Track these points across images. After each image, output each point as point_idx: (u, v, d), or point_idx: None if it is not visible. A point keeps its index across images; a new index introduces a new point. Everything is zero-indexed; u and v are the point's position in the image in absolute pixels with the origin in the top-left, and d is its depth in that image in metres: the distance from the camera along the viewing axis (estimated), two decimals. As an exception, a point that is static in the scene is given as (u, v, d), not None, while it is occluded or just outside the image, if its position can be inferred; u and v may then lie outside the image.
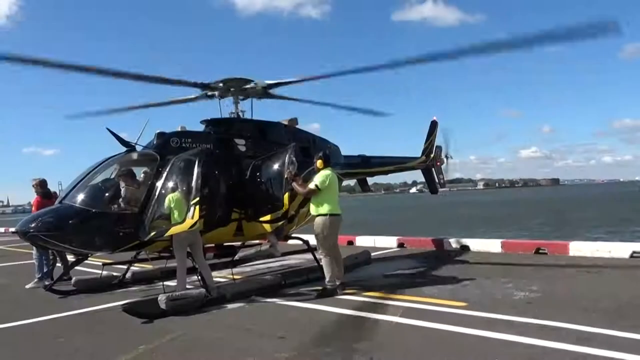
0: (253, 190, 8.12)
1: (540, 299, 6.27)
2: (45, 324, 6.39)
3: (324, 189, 7.16)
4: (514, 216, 36.16)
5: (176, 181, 7.09)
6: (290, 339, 5.12)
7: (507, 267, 8.75)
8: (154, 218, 7.00)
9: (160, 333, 5.55)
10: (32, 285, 9.07)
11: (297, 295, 7.20)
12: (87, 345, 5.34)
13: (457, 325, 5.21)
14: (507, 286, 7.13)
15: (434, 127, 14.62)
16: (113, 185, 7.37)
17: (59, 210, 7.04)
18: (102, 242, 7.07)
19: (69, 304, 7.44)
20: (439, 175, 14.25)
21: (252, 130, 9.05)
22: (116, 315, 6.50)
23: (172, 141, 7.86)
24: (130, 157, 7.66)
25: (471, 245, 11.44)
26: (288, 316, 6.14)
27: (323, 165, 7.41)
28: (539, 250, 10.29)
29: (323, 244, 7.18)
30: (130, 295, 7.77)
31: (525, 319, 5.31)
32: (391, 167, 13.15)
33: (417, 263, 9.92)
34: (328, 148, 10.45)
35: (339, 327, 5.51)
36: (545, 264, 8.97)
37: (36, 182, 9.53)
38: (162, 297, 6.44)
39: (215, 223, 7.80)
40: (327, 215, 7.12)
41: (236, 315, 6.33)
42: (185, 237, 6.84)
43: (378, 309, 6.15)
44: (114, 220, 7.04)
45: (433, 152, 14.28)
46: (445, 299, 6.44)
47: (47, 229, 6.68)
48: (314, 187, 7.17)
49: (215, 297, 6.95)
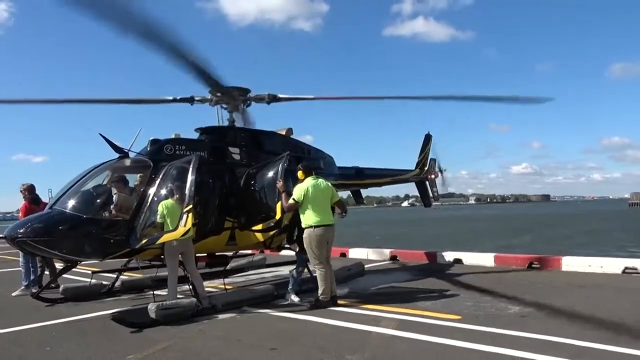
0: (246, 199, 8.07)
1: (534, 314, 6.24)
2: (32, 331, 6.24)
3: (304, 201, 7.02)
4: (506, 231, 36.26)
5: (169, 188, 7.02)
6: (281, 350, 5.03)
7: (500, 281, 8.72)
8: (145, 225, 6.92)
9: (150, 343, 5.44)
10: (19, 292, 8.90)
11: (290, 307, 7.11)
12: (74, 354, 5.21)
13: (451, 338, 5.16)
14: (500, 300, 7.09)
15: (428, 140, 14.70)
16: (105, 191, 7.28)
17: (48, 215, 6.93)
18: (92, 249, 6.96)
19: (57, 312, 7.30)
20: (432, 188, 14.29)
21: (247, 139, 9.02)
22: (105, 323, 6.39)
23: (166, 148, 7.82)
24: (122, 163, 7.59)
25: (464, 258, 11.42)
26: (280, 327, 6.05)
27: (303, 176, 7.30)
28: (531, 264, 10.29)
29: (312, 256, 7.10)
30: (120, 304, 7.65)
31: (519, 332, 5.27)
32: (385, 179, 13.17)
33: (411, 276, 9.87)
34: (322, 158, 10.47)
35: (331, 339, 5.42)
36: (539, 279, 8.95)
37: (25, 187, 9.38)
38: (152, 306, 6.34)
39: (207, 231, 7.72)
40: (312, 227, 7.01)
41: (227, 326, 6.22)
42: (177, 245, 6.75)
43: (371, 321, 6.07)
44: (105, 227, 6.94)
45: (427, 164, 14.34)
46: (439, 312, 6.40)
47: (36, 235, 6.56)
48: (292, 201, 7.09)
49: (207, 307, 6.85)
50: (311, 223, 7.00)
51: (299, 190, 7.09)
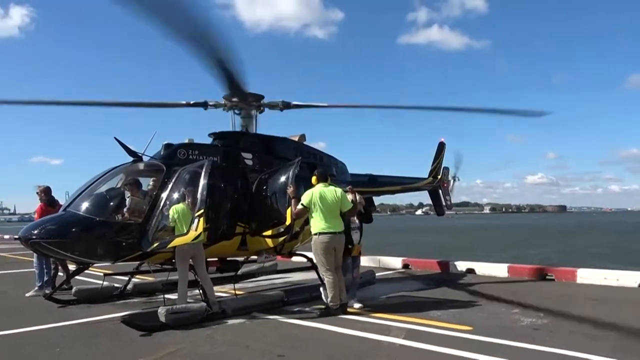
0: (257, 204, 8.09)
1: (547, 326, 6.12)
2: (44, 332, 6.29)
3: (312, 206, 7.00)
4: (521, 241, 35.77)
5: (181, 192, 7.06)
6: (289, 357, 5.01)
7: (513, 292, 8.57)
8: (157, 229, 6.96)
9: (159, 346, 5.46)
10: (32, 293, 9.00)
11: (299, 313, 7.08)
12: (84, 356, 5.25)
13: (461, 349, 5.07)
14: (513, 311, 6.98)
15: (441, 148, 14.63)
16: (118, 194, 7.36)
17: (62, 217, 7.01)
18: (104, 252, 7.02)
19: (69, 314, 7.36)
20: (445, 196, 14.19)
21: (259, 145, 9.06)
22: (115, 326, 6.42)
23: (179, 152, 7.87)
24: (136, 167, 7.65)
25: (477, 268, 11.28)
26: (289, 334, 6.02)
27: (316, 181, 7.29)
28: (546, 276, 10.13)
29: (319, 263, 7.07)
30: (130, 307, 7.69)
31: (531, 345, 5.17)
32: (398, 187, 13.12)
33: (422, 285, 9.78)
34: (335, 165, 10.46)
35: (340, 347, 5.37)
36: (553, 291, 8.80)
37: (41, 189, 9.52)
38: (162, 309, 6.36)
39: (219, 236, 7.74)
40: (318, 234, 6.98)
41: (236, 331, 6.21)
42: (188, 249, 6.77)
43: (381, 330, 6.01)
44: (117, 230, 7.01)
45: (440, 173, 14.25)
46: (450, 323, 6.31)
47: (49, 237, 6.65)
48: (300, 206, 7.07)
49: (216, 311, 6.85)
50: (317, 230, 6.98)
51: (306, 196, 7.07)
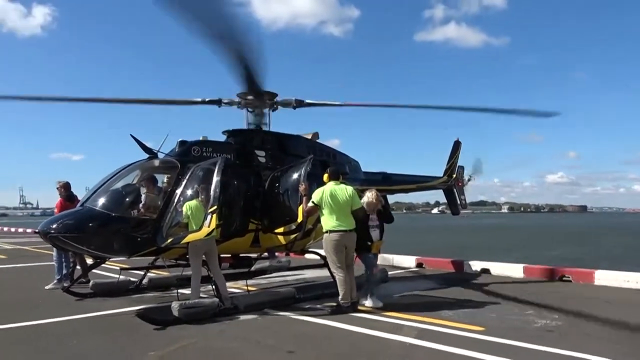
0: (270, 201, 8.13)
1: (562, 328, 6.03)
2: (60, 325, 6.45)
3: (323, 204, 7.01)
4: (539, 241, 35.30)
5: (194, 189, 7.14)
6: (298, 354, 5.04)
7: (528, 293, 8.46)
8: (171, 225, 7.05)
9: (171, 340, 5.54)
10: (51, 286, 9.20)
11: (311, 310, 7.11)
12: (98, 348, 5.36)
13: (472, 350, 5.04)
14: (527, 313, 6.90)
15: (457, 147, 14.49)
16: (133, 190, 7.47)
17: (79, 213, 7.16)
18: (119, 247, 7.14)
19: (86, 306, 7.51)
20: (460, 196, 14.06)
21: (273, 142, 9.10)
22: (130, 319, 6.53)
23: (194, 150, 7.95)
24: (151, 163, 7.75)
25: (492, 268, 11.17)
26: (299, 331, 6.06)
27: (328, 179, 7.30)
28: (562, 277, 9.98)
29: (330, 260, 7.09)
30: (146, 301, 7.81)
31: (543, 347, 5.11)
32: (412, 186, 13.03)
33: (435, 284, 9.72)
34: (348, 163, 10.45)
35: (350, 345, 5.39)
36: (569, 292, 8.67)
37: (60, 184, 9.71)
38: (175, 304, 6.45)
39: (232, 233, 7.81)
40: (328, 232, 7.00)
41: (248, 327, 6.27)
42: (201, 245, 6.84)
43: (392, 329, 6.00)
44: (132, 226, 7.12)
45: (455, 172, 14.13)
46: (462, 323, 6.26)
47: (67, 231, 6.79)
48: (311, 204, 7.09)
49: (228, 307, 6.92)
50: (328, 228, 6.99)
51: (317, 194, 7.09)
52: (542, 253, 23.47)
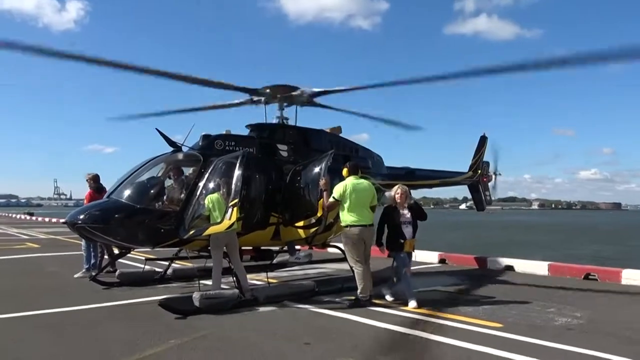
0: (291, 195, 8.21)
1: (582, 327, 5.93)
2: (86, 312, 6.69)
3: (344, 199, 7.04)
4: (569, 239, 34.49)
5: (217, 182, 7.27)
6: (314, 346, 5.11)
7: (551, 291, 8.33)
8: (193, 217, 7.20)
9: (192, 329, 5.68)
10: (80, 275, 9.52)
11: (329, 304, 7.17)
12: (122, 335, 5.55)
13: (488, 346, 5.01)
14: (548, 310, 6.80)
15: (483, 142, 14.29)
16: (157, 183, 7.67)
17: (105, 204, 7.39)
18: (143, 238, 7.33)
19: (112, 295, 7.76)
20: (485, 192, 13.87)
21: (295, 137, 9.16)
22: (153, 308, 6.70)
23: (217, 143, 8.07)
24: (175, 157, 7.92)
25: (516, 266, 11.00)
26: (317, 323, 6.13)
27: (347, 174, 7.31)
28: (588, 275, 9.76)
29: (349, 255, 7.11)
30: (169, 291, 7.99)
31: (562, 345, 5.04)
32: (436, 181, 12.93)
33: (457, 280, 9.65)
34: (371, 158, 10.44)
35: (366, 339, 5.42)
36: (594, 291, 8.48)
37: (90, 176, 10.02)
38: (197, 294, 6.60)
39: (253, 226, 7.92)
40: (349, 227, 7.03)
41: (266, 319, 6.38)
42: (222, 237, 6.97)
43: (409, 324, 6.02)
44: (156, 217, 7.31)
45: (481, 167, 13.94)
46: (480, 319, 6.23)
47: (93, 222, 7.02)
48: (332, 199, 7.11)
49: (249, 299, 7.04)
50: (348, 222, 7.02)
51: (338, 189, 7.11)
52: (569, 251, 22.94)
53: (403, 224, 7.33)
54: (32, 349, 5.05)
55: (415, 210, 7.53)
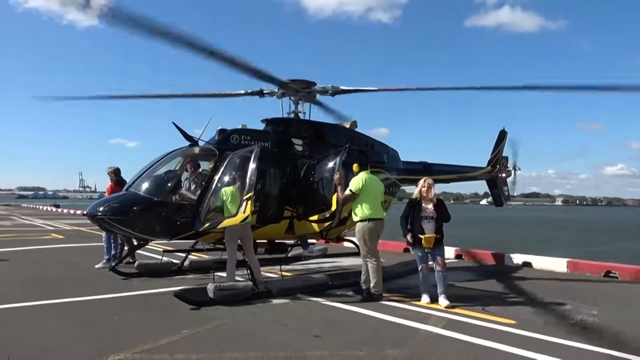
0: (305, 189, 8.26)
1: (599, 325, 5.84)
2: (105, 301, 6.88)
3: (361, 192, 7.07)
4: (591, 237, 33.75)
5: (231, 176, 7.36)
6: (324, 338, 5.16)
7: (569, 288, 8.21)
8: (209, 210, 7.31)
9: (205, 320, 5.79)
10: (101, 265, 9.76)
11: (342, 297, 7.21)
12: (137, 324, 5.70)
13: (499, 342, 4.99)
14: (564, 308, 6.71)
15: (502, 136, 14.11)
16: (174, 176, 7.79)
17: (124, 197, 7.55)
18: (161, 230, 7.47)
19: (130, 285, 7.96)
20: (503, 187, 13.69)
21: (310, 131, 9.19)
22: (169, 299, 6.85)
23: (232, 138, 8.16)
24: (191, 151, 8.04)
25: (534, 262, 10.87)
26: (328, 316, 6.18)
27: (358, 169, 7.33)
28: (609, 273, 9.58)
29: (367, 249, 7.13)
30: (186, 282, 8.16)
31: (575, 344, 4.98)
32: (453, 176, 12.80)
33: (472, 276, 9.58)
34: (386, 153, 10.40)
35: (376, 332, 5.45)
36: (613, 289, 8.34)
37: (111, 170, 10.25)
38: (211, 286, 6.71)
39: (267, 219, 8.00)
40: (367, 220, 7.05)
41: (279, 311, 6.45)
42: (236, 230, 7.06)
43: (421, 318, 6.02)
44: (173, 210, 7.43)
45: (499, 162, 13.77)
46: (493, 315, 6.19)
47: (112, 214, 7.18)
48: (349, 192, 7.13)
49: (262, 291, 7.13)
50: (365, 216, 7.05)
51: (356, 182, 7.14)
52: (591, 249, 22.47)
53: (425, 218, 7.01)
54: (51, 336, 5.22)
55: (439, 207, 7.09)
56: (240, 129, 8.48)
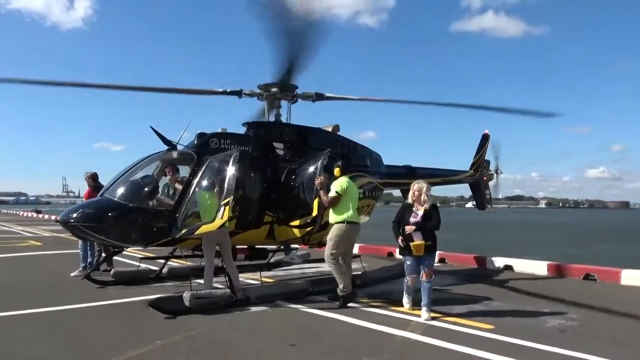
0: (286, 194, 8.17)
1: (576, 329, 5.84)
2: (79, 311, 6.71)
3: (344, 195, 7.02)
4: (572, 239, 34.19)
5: (209, 181, 7.22)
6: (300, 347, 5.07)
7: (548, 291, 8.22)
8: (186, 216, 7.16)
9: (179, 330, 5.66)
10: (76, 273, 9.52)
11: (321, 303, 7.12)
12: (109, 334, 5.55)
13: (476, 348, 4.95)
14: (543, 311, 6.71)
15: (485, 140, 14.16)
16: (150, 182, 7.63)
17: (98, 202, 7.38)
18: (136, 237, 7.31)
19: (105, 294, 7.77)
20: (485, 190, 13.76)
21: (292, 135, 9.11)
22: (144, 308, 6.69)
23: (212, 142, 8.03)
24: (169, 155, 7.88)
25: (515, 265, 10.91)
26: (306, 324, 6.09)
27: (340, 173, 7.25)
28: (588, 276, 9.66)
29: (334, 250, 6.95)
30: (164, 290, 7.96)
31: (552, 348, 4.97)
32: (437, 180, 12.79)
33: (454, 280, 9.56)
34: (369, 156, 10.36)
35: (353, 340, 5.38)
36: (592, 291, 8.39)
37: (89, 175, 10.02)
38: (187, 294, 6.57)
39: (247, 225, 7.89)
40: (345, 223, 6.97)
41: (256, 319, 6.35)
42: (214, 236, 6.93)
43: (399, 325, 5.96)
44: (149, 216, 7.27)
45: (482, 166, 13.83)
46: (472, 320, 6.16)
47: (85, 220, 7.00)
48: (334, 194, 7.03)
49: (240, 298, 7.00)
50: (344, 218, 6.97)
51: (340, 183, 7.07)
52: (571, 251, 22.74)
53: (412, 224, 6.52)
54: (20, 348, 5.05)
55: (429, 214, 6.56)
56: (220, 132, 8.35)
